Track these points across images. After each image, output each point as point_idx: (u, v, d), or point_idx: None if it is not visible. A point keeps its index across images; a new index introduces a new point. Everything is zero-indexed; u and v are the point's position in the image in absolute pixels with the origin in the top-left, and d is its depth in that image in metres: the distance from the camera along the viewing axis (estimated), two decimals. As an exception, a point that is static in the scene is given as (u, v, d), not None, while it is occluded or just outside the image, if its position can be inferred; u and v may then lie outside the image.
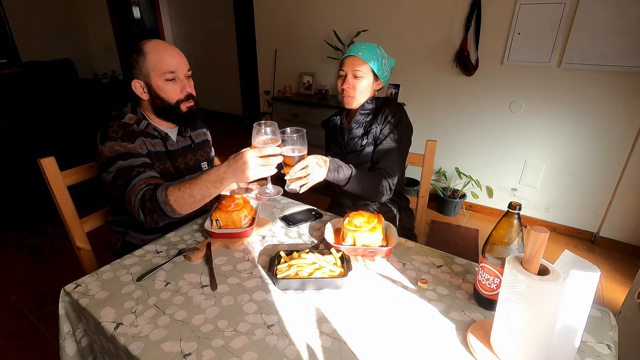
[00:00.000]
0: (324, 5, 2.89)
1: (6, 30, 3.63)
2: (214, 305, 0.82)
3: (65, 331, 0.89)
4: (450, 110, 2.65)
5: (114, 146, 1.02)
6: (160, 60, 1.06)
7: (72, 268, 2.12)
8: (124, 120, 1.10)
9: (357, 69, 1.25)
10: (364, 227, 1.00)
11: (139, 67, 1.07)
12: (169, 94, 1.09)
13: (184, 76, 1.12)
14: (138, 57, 1.06)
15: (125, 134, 1.06)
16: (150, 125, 1.13)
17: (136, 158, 1.03)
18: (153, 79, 1.08)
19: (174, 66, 1.08)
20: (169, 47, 1.10)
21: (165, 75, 1.07)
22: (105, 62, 4.67)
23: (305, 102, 2.93)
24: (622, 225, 2.32)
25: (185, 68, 1.12)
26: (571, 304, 0.64)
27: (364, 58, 1.24)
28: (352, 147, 1.34)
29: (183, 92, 1.11)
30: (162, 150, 1.15)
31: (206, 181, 0.92)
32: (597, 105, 2.18)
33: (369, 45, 1.27)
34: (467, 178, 2.71)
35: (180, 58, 1.11)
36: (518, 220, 0.74)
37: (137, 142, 1.07)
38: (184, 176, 1.21)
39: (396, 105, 1.31)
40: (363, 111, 1.31)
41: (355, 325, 0.77)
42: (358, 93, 1.28)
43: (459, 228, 2.61)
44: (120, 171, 1.00)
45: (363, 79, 1.26)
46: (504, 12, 2.25)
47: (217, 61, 5.04)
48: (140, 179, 1.00)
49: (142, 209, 0.95)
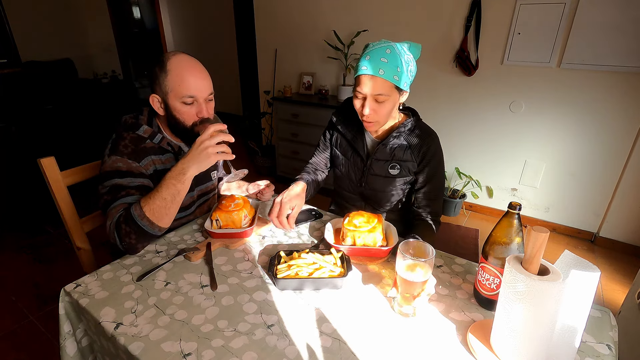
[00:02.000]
0: (324, 5, 2.89)
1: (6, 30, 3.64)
2: (214, 305, 0.82)
3: (66, 331, 0.89)
4: (450, 111, 2.65)
5: (117, 162, 1.00)
6: (181, 83, 1.00)
7: (72, 268, 2.12)
8: (139, 132, 1.06)
9: (379, 93, 1.04)
10: (364, 227, 1.00)
11: (159, 83, 1.02)
12: (184, 116, 1.05)
13: (203, 100, 1.05)
14: (160, 72, 1.01)
15: (135, 150, 1.03)
16: (165, 140, 1.09)
17: (134, 178, 1.00)
18: (171, 99, 1.03)
19: (195, 91, 1.02)
20: (193, 69, 1.02)
21: (184, 99, 1.02)
22: (105, 62, 4.67)
23: (305, 102, 2.93)
24: (622, 225, 2.32)
25: (206, 92, 1.05)
26: (571, 304, 0.64)
27: (386, 77, 1.01)
28: (376, 170, 1.22)
29: (199, 115, 1.06)
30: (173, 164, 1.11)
31: (170, 178, 0.92)
32: (597, 105, 2.18)
33: (391, 53, 1.02)
34: (467, 178, 2.71)
35: (204, 82, 1.04)
36: (518, 220, 0.74)
37: (144, 162, 1.04)
38: (193, 190, 1.17)
39: (435, 141, 1.19)
40: (397, 133, 1.16)
41: (355, 325, 0.77)
42: (382, 117, 1.10)
43: (459, 228, 2.61)
44: (112, 187, 0.98)
45: (387, 102, 1.06)
46: (504, 12, 2.25)
47: (217, 61, 5.04)
48: (122, 202, 0.96)
49: (118, 232, 0.92)
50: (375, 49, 1.04)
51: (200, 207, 1.25)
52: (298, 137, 3.04)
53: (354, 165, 1.27)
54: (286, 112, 3.03)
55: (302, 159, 3.09)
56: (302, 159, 3.09)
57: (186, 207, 1.17)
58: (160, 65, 1.01)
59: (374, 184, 1.24)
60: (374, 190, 1.26)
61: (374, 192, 1.26)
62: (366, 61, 1.04)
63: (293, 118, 3.00)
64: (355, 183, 1.28)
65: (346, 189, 1.33)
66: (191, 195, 1.17)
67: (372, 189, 1.26)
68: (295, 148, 3.11)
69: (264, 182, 1.25)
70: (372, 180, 1.24)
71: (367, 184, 1.25)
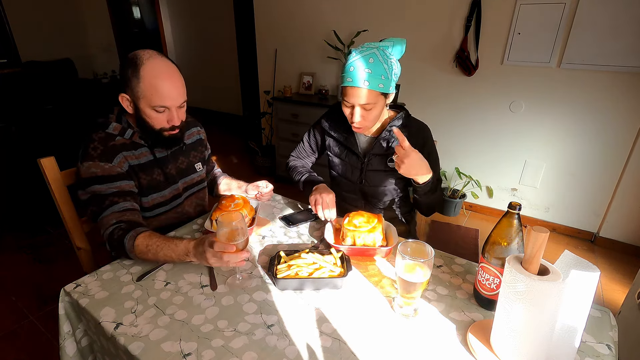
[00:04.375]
0: (324, 5, 2.89)
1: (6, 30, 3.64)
2: (214, 305, 0.82)
3: (65, 331, 0.89)
4: (450, 110, 2.65)
5: (91, 167, 0.99)
6: (154, 93, 0.97)
7: (72, 268, 2.12)
8: (108, 130, 1.04)
9: (365, 103, 1.07)
10: (363, 227, 1.00)
11: (131, 87, 0.98)
12: (154, 121, 1.02)
13: (175, 107, 1.02)
14: (132, 76, 0.96)
15: (104, 151, 1.01)
16: (136, 134, 1.07)
17: (112, 183, 1.00)
18: (142, 104, 0.99)
19: (168, 101, 0.99)
20: (168, 78, 0.98)
21: (156, 107, 0.99)
22: (105, 62, 4.67)
23: (305, 102, 2.93)
24: (622, 225, 2.32)
25: (179, 101, 1.02)
26: (571, 304, 0.64)
27: (371, 87, 1.05)
28: (374, 165, 1.23)
29: (169, 122, 1.03)
30: (149, 159, 1.10)
31: (172, 251, 0.91)
32: (597, 105, 2.18)
33: (374, 62, 1.04)
34: (467, 178, 2.71)
35: (177, 91, 1.00)
36: (518, 220, 0.74)
37: (117, 160, 1.02)
38: (177, 182, 1.17)
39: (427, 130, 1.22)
40: (390, 127, 1.18)
41: (355, 325, 0.77)
42: (370, 122, 1.14)
43: (459, 228, 2.61)
44: (94, 197, 1.00)
45: (375, 109, 1.10)
46: (504, 12, 2.25)
47: (217, 61, 5.04)
48: (112, 211, 0.98)
49: (110, 244, 0.97)
50: (359, 58, 1.05)
51: (189, 198, 1.24)
52: (298, 137, 3.04)
53: (351, 164, 1.27)
54: (286, 112, 3.03)
55: (302, 159, 3.08)
56: (302, 159, 3.08)
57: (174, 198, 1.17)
58: (133, 69, 0.96)
59: (373, 180, 1.25)
60: (374, 187, 1.26)
61: (374, 188, 1.26)
62: (351, 73, 1.06)
63: (293, 118, 3.00)
64: (355, 182, 1.28)
65: (345, 189, 1.33)
66: (176, 188, 1.17)
67: (372, 185, 1.26)
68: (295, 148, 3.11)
69: (263, 183, 1.25)
70: (372, 176, 1.25)
71: (367, 181, 1.26)
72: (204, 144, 1.32)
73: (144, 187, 1.09)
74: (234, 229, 0.83)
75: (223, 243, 0.83)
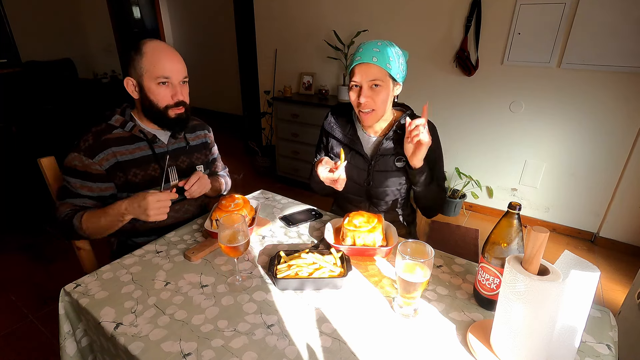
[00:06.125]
0: (324, 5, 2.89)
1: (6, 30, 3.64)
2: (214, 305, 0.82)
3: (65, 331, 0.89)
4: (450, 110, 2.65)
5: (75, 159, 1.04)
6: (156, 63, 1.03)
7: (72, 268, 2.11)
8: (111, 121, 1.09)
9: (374, 79, 1.07)
10: (364, 227, 1.00)
11: (134, 66, 1.04)
12: (158, 97, 1.06)
13: (178, 82, 1.08)
14: (135, 55, 1.04)
15: (91, 146, 1.05)
16: (136, 128, 1.10)
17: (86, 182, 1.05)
18: (145, 80, 1.05)
19: (169, 71, 1.05)
20: (168, 51, 1.06)
21: (158, 79, 1.04)
22: (105, 62, 4.68)
23: (306, 102, 2.92)
24: (622, 226, 2.32)
25: (181, 75, 1.08)
26: (571, 304, 0.64)
27: (379, 64, 1.05)
28: (382, 166, 1.21)
29: (174, 98, 1.08)
30: (146, 154, 1.12)
31: (110, 214, 0.99)
32: (597, 105, 2.18)
33: (382, 45, 1.08)
34: (467, 178, 2.71)
35: (178, 65, 1.07)
36: (518, 221, 0.74)
37: (99, 157, 1.05)
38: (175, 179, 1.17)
39: (434, 130, 1.22)
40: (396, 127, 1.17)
41: (355, 325, 0.77)
42: (378, 105, 1.11)
43: (459, 228, 2.61)
44: (66, 187, 1.06)
45: (382, 89, 1.09)
46: (504, 12, 2.25)
47: (217, 61, 5.04)
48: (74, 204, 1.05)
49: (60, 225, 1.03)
50: (367, 43, 1.11)
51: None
52: (298, 137, 3.04)
53: (356, 166, 1.25)
54: (286, 112, 3.03)
55: (302, 159, 3.08)
56: (302, 159, 3.08)
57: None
58: (136, 50, 1.04)
59: (380, 181, 1.23)
60: (379, 188, 1.25)
61: (379, 190, 1.25)
62: (359, 53, 1.10)
63: (293, 118, 3.00)
64: (361, 184, 1.27)
65: (350, 191, 1.31)
66: None
67: (377, 186, 1.24)
68: (295, 148, 3.11)
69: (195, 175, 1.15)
70: (378, 177, 1.23)
71: (374, 182, 1.24)
72: (209, 147, 1.34)
73: (137, 183, 1.10)
74: (236, 231, 0.84)
75: (161, 192, 0.93)
